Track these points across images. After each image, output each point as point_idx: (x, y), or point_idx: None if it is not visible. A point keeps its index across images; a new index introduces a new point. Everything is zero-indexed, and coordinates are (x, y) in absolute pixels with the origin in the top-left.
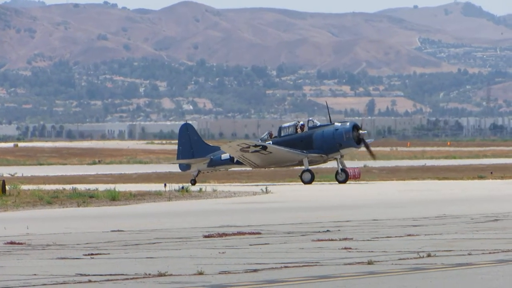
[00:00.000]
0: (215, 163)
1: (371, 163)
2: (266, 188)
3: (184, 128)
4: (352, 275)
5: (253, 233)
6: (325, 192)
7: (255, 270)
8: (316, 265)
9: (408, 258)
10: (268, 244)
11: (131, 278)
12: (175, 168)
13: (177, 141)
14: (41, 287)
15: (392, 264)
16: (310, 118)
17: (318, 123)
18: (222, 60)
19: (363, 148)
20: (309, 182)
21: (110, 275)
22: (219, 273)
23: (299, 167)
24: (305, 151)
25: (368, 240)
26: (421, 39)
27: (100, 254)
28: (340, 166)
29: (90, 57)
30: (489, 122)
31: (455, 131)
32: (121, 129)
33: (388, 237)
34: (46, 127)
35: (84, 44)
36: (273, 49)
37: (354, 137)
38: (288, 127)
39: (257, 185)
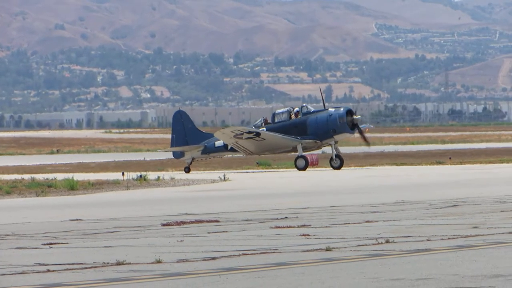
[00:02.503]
0: (209, 150)
1: (328, 149)
2: (224, 175)
3: (178, 116)
4: (311, 262)
5: (211, 221)
6: (284, 179)
7: (213, 258)
8: (274, 252)
9: (366, 245)
10: (226, 231)
11: (89, 267)
12: (132, 156)
13: (137, 129)
14: (0, 277)
15: (351, 250)
16: (304, 104)
17: (312, 109)
18: (179, 48)
19: (357, 134)
20: (303, 168)
21: (69, 264)
22: (177, 261)
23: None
24: (299, 137)
25: (326, 226)
26: (377, 25)
27: (59, 243)
28: (335, 152)
29: (48, 47)
30: (447, 107)
31: (413, 116)
32: (79, 118)
33: (346, 223)
34: (5, 117)
35: (42, 33)
36: (230, 36)
37: (348, 123)
38: (282, 113)
39: (215, 173)
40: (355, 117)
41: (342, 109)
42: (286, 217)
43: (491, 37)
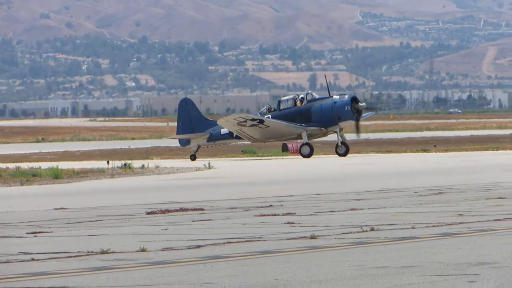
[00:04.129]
0: (215, 138)
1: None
2: (209, 163)
3: (183, 103)
4: (295, 250)
5: (196, 209)
6: (269, 167)
7: (198, 246)
8: (259, 240)
9: (351, 232)
10: (211, 220)
11: (74, 256)
12: (118, 144)
13: (122, 118)
14: None
15: (335, 238)
16: (309, 91)
17: (317, 96)
18: (164, 37)
19: (363, 121)
20: (308, 155)
21: (53, 253)
22: (162, 250)
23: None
24: (303, 125)
25: (311, 214)
26: (362, 13)
27: (43, 232)
28: (340, 139)
29: (33, 36)
30: (432, 95)
31: (398, 104)
32: (64, 107)
33: (331, 211)
34: None
35: (27, 22)
36: (215, 25)
37: (353, 110)
38: (287, 100)
39: (200, 161)
40: (360, 104)
41: (347, 96)
42: (271, 205)
43: (475, 25)
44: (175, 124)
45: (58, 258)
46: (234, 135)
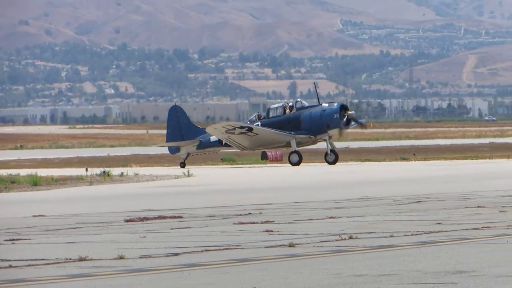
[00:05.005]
0: (204, 145)
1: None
2: (188, 171)
3: (173, 110)
4: (274, 258)
5: (175, 217)
6: (248, 175)
7: (176, 254)
8: (237, 248)
9: (329, 241)
10: (189, 227)
11: (52, 263)
12: (97, 152)
13: (110, 125)
14: None
15: (314, 246)
16: (298, 99)
17: (306, 104)
18: (144, 44)
19: (353, 129)
20: (297, 163)
21: (31, 260)
22: (140, 257)
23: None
24: (292, 132)
25: (289, 222)
26: (342, 21)
27: (21, 239)
28: (330, 147)
29: (12, 42)
30: (412, 103)
31: (378, 112)
32: (43, 114)
33: (310, 219)
34: None
35: (6, 29)
36: (195, 32)
37: (342, 118)
38: (276, 108)
39: (179, 169)
40: (348, 112)
41: (336, 104)
42: (249, 213)
43: (455, 33)
44: (155, 131)
45: (36, 265)
46: (224, 142)
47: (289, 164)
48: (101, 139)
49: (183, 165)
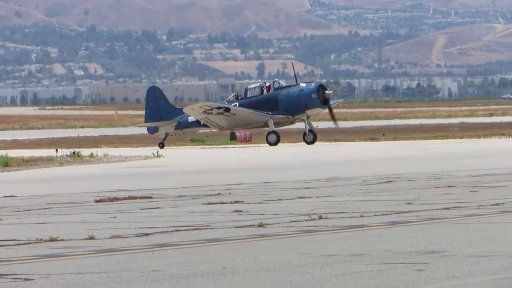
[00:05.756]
0: (182, 125)
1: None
2: (157, 152)
3: (151, 91)
4: (243, 238)
5: (144, 197)
6: (218, 155)
7: (146, 234)
8: (207, 228)
9: (299, 221)
10: (159, 208)
11: (23, 244)
12: (67, 133)
13: (79, 106)
14: None
15: (284, 226)
16: (276, 79)
17: (284, 84)
18: (113, 26)
19: (327, 110)
20: (275, 143)
21: (2, 240)
22: (110, 238)
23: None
24: (270, 113)
25: (259, 203)
26: (311, 1)
27: None
28: (308, 127)
29: None
30: (381, 83)
31: (347, 92)
32: (13, 95)
33: (279, 199)
34: None
35: None
36: (163, 13)
37: (320, 98)
38: (254, 88)
39: (148, 149)
40: (326, 92)
41: (313, 84)
42: (219, 193)
43: (424, 13)
44: (124, 112)
45: (7, 245)
46: (202, 123)
47: (257, 145)
48: (71, 120)
49: (161, 145)
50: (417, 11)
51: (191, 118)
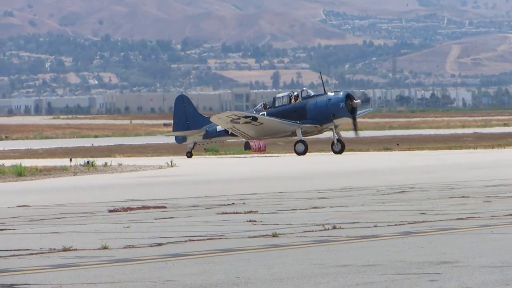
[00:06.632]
0: (211, 134)
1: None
2: (171, 161)
3: (180, 100)
4: (257, 248)
5: (158, 207)
6: (232, 165)
7: (159, 244)
8: (220, 238)
9: (313, 231)
10: (173, 217)
11: (36, 253)
12: (81, 142)
13: (93, 115)
14: None
15: (297, 236)
16: (304, 88)
17: (312, 93)
18: (127, 35)
19: (358, 118)
20: (303, 153)
21: (15, 250)
22: (124, 248)
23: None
24: (298, 122)
25: (273, 212)
26: (325, 11)
27: (6, 229)
28: (336, 137)
29: None
30: (395, 93)
31: (362, 102)
32: (28, 105)
33: (293, 209)
34: None
35: None
36: (178, 23)
37: (348, 107)
38: (282, 97)
39: (162, 159)
40: (354, 101)
41: (341, 93)
42: (233, 203)
43: (439, 23)
44: (139, 122)
45: (20, 255)
46: (230, 132)
47: (271, 154)
48: (85, 129)
49: (189, 154)
50: (431, 21)
51: (219, 128)
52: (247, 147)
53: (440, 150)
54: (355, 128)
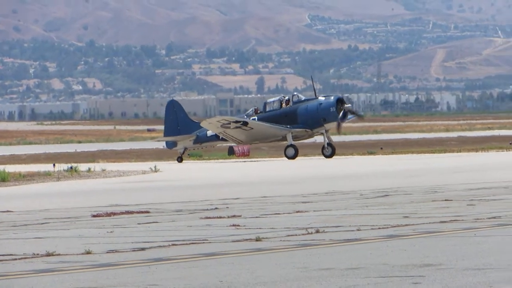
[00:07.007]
0: (201, 139)
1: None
2: (155, 166)
3: (170, 105)
4: (240, 252)
5: (142, 212)
6: (216, 170)
7: (142, 249)
8: (204, 242)
9: (296, 235)
10: (156, 222)
11: (19, 258)
12: (64, 148)
13: (77, 121)
14: None
15: (281, 240)
16: (295, 93)
17: (303, 98)
18: (112, 41)
19: (347, 123)
20: (293, 157)
21: None
22: (107, 252)
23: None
24: (288, 126)
25: (256, 217)
26: (310, 16)
27: None
28: (327, 141)
29: None
30: (380, 97)
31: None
32: (11, 111)
33: (276, 213)
34: None
35: None
36: (162, 28)
37: (338, 111)
38: (273, 102)
39: (146, 164)
40: (345, 105)
41: (332, 97)
42: (216, 208)
43: (424, 27)
44: (122, 127)
45: (3, 260)
46: (220, 137)
47: (255, 159)
48: (69, 135)
49: (180, 159)
50: (416, 25)
51: (209, 132)
52: (230, 152)
53: (424, 154)
54: (339, 129)
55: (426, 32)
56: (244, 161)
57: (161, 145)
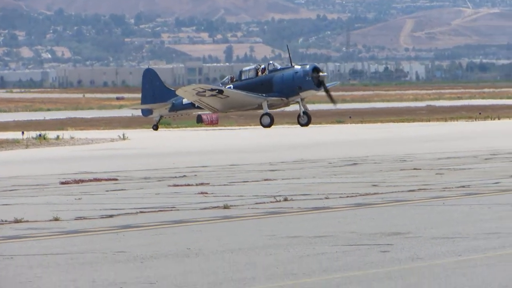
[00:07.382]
0: (177, 107)
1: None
2: (123, 134)
3: (147, 73)
4: (208, 220)
5: (110, 179)
6: (184, 138)
7: (110, 216)
8: (172, 210)
9: (264, 202)
10: (124, 190)
11: None
12: (33, 116)
13: (46, 89)
14: None
15: (249, 208)
16: (271, 62)
17: (279, 66)
18: (80, 9)
19: (323, 92)
20: (268, 125)
21: None
22: (75, 219)
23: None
24: (264, 95)
25: (224, 185)
26: None
27: None
28: (302, 109)
29: None
30: (349, 67)
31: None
32: None
33: (245, 181)
34: None
35: None
36: None
37: (314, 80)
38: (249, 70)
39: (115, 132)
40: (321, 74)
41: (308, 66)
42: (184, 176)
43: None
44: (91, 95)
45: None
46: (196, 105)
47: (224, 127)
48: (38, 103)
49: (155, 127)
50: None
51: (185, 100)
52: (199, 120)
53: (393, 123)
54: (331, 99)
55: (395, 2)
56: (213, 129)
57: (137, 113)
